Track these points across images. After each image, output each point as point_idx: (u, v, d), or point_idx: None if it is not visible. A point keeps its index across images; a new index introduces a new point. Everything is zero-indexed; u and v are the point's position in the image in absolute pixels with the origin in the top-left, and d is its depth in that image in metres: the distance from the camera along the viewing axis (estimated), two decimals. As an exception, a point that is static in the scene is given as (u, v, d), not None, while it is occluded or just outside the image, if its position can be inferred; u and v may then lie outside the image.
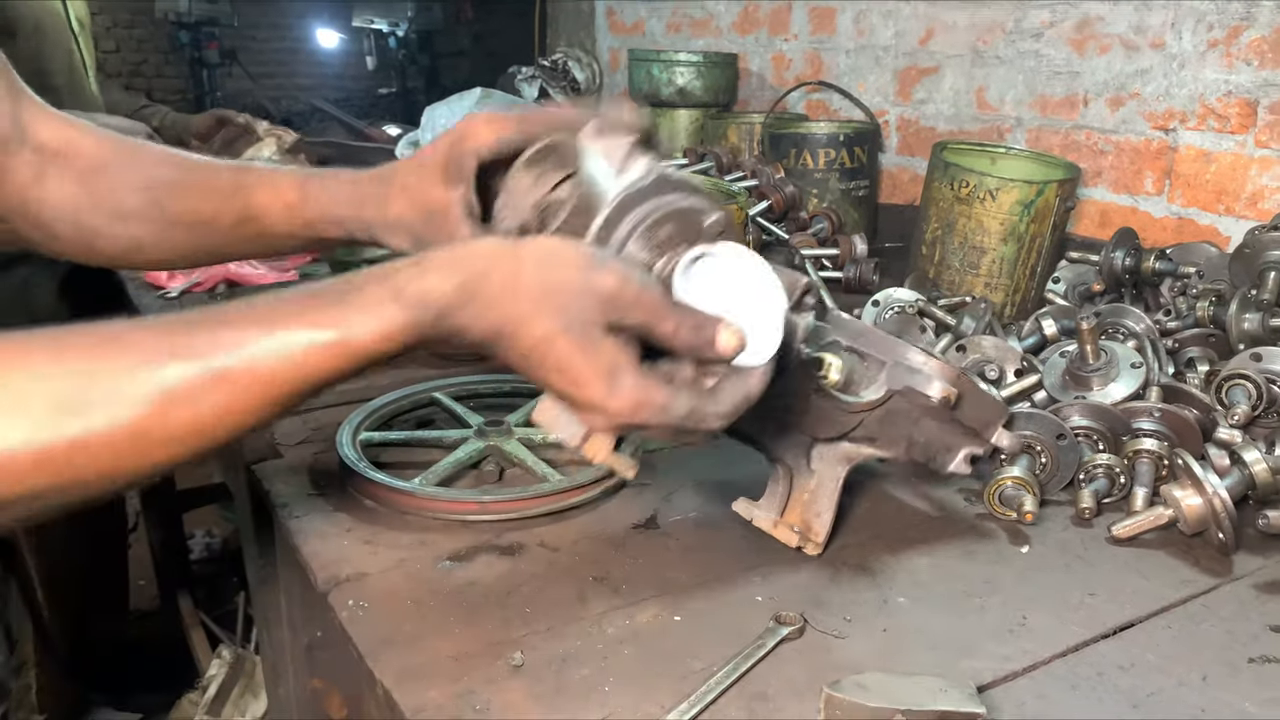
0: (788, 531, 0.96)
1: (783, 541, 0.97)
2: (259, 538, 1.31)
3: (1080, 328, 1.20)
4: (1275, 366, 1.17)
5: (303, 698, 1.32)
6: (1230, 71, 1.63)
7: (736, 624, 0.86)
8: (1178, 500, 1.00)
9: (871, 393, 0.94)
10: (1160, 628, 0.89)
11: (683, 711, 0.74)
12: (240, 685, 2.05)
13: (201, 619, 2.52)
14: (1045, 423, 1.10)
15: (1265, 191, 1.62)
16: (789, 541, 0.96)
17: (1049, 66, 1.92)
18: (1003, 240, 1.67)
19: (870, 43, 2.32)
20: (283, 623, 1.32)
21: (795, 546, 0.96)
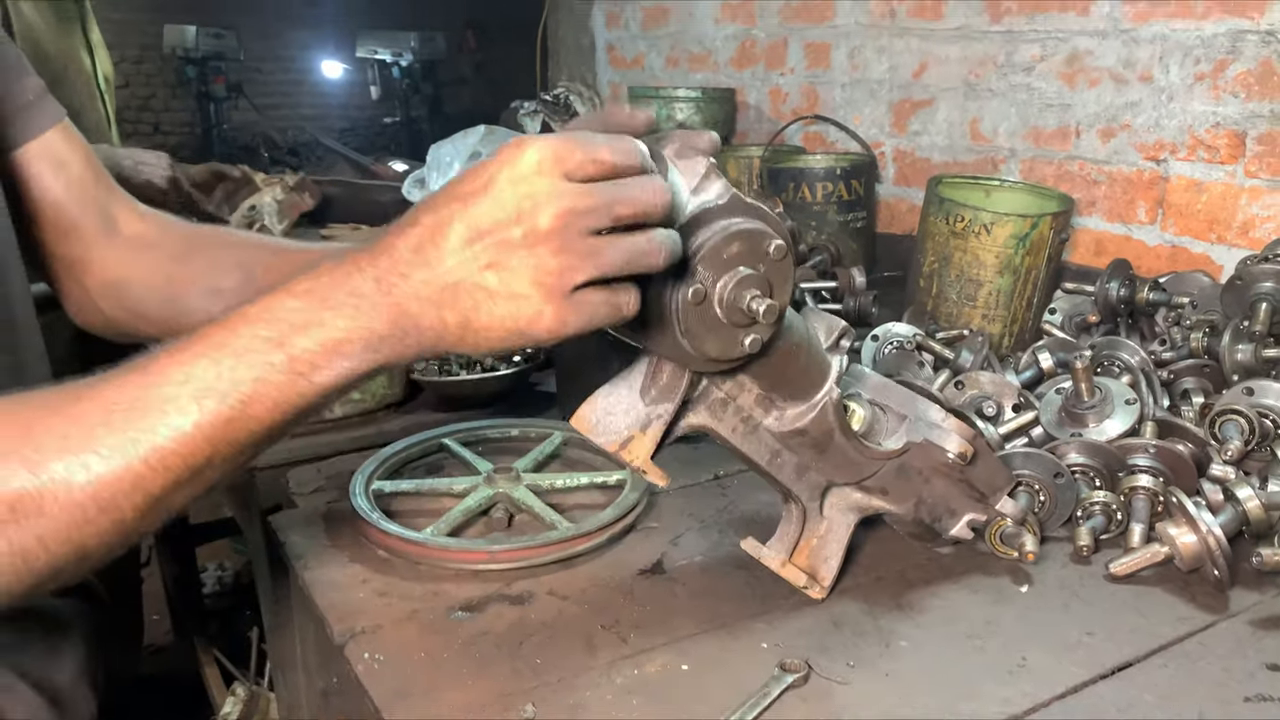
0: (796, 572, 0.99)
1: (789, 581, 0.99)
2: (275, 584, 1.33)
3: (1074, 366, 1.22)
4: (1268, 400, 1.19)
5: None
6: (1218, 104, 1.66)
7: (743, 672, 0.88)
8: (1173, 538, 1.02)
9: (893, 442, 0.97)
10: (1158, 666, 0.91)
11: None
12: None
13: (215, 655, 2.54)
14: (1043, 462, 1.12)
15: (1256, 220, 1.65)
16: (796, 581, 0.99)
17: (1041, 99, 1.95)
18: (999, 273, 1.70)
19: (865, 76, 2.36)
20: (298, 666, 1.34)
21: (802, 586, 0.99)
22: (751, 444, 0.94)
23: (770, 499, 1.22)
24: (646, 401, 0.87)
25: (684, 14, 2.95)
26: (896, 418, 1.00)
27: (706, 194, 0.80)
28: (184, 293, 0.99)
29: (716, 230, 0.78)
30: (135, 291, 0.99)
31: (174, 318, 0.99)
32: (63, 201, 0.95)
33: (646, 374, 0.88)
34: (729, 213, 0.79)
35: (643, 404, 0.87)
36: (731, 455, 0.95)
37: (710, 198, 0.79)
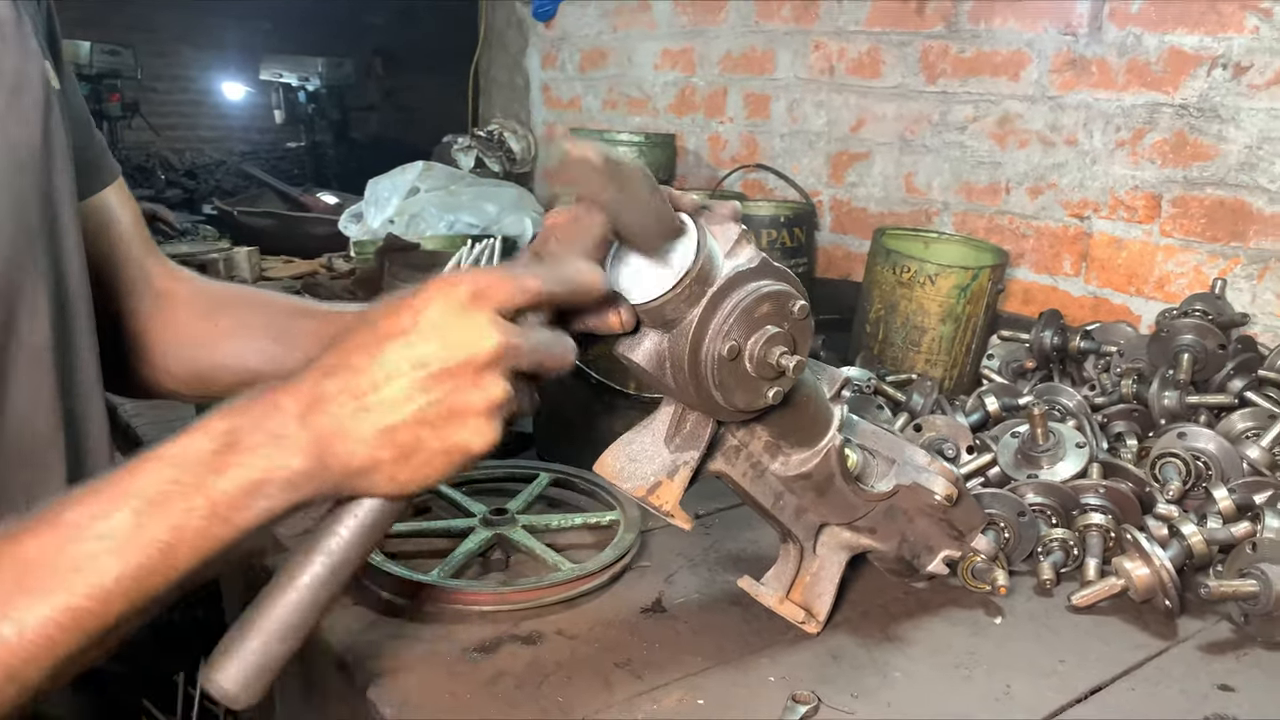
0: (793, 608, 1.05)
1: (787, 617, 1.05)
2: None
3: (1031, 413, 1.32)
4: (1199, 444, 1.31)
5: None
6: (1136, 168, 1.82)
7: (756, 705, 0.94)
8: (1129, 571, 1.12)
9: (884, 485, 1.04)
10: (1125, 690, 1.00)
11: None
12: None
13: (145, 705, 2.46)
14: (1008, 502, 1.22)
15: (1170, 276, 1.80)
16: (794, 617, 1.05)
17: (973, 156, 2.09)
18: (941, 320, 1.81)
19: (804, 128, 2.47)
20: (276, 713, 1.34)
21: (800, 622, 1.05)
22: (759, 487, 1.01)
23: (753, 537, 1.28)
24: (671, 449, 0.93)
25: (623, 58, 3.03)
26: (886, 461, 1.07)
27: (739, 258, 0.86)
28: (211, 350, 1.00)
29: (749, 291, 0.85)
30: (161, 348, 1.00)
31: (200, 374, 1.00)
32: (108, 256, 0.95)
33: (671, 423, 0.94)
34: (759, 275, 0.86)
35: (668, 451, 0.93)
36: (733, 495, 1.02)
37: (742, 261, 0.86)
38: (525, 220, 2.83)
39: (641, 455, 0.93)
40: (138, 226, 0.99)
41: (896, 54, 2.20)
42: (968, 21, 2.04)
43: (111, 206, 0.95)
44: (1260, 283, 1.68)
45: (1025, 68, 1.96)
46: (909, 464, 1.06)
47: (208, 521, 0.62)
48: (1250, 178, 1.66)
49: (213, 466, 0.63)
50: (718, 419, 0.93)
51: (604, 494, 1.31)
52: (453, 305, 0.65)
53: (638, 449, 0.94)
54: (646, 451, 0.93)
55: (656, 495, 0.92)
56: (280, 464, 0.63)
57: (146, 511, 0.61)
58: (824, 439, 1.00)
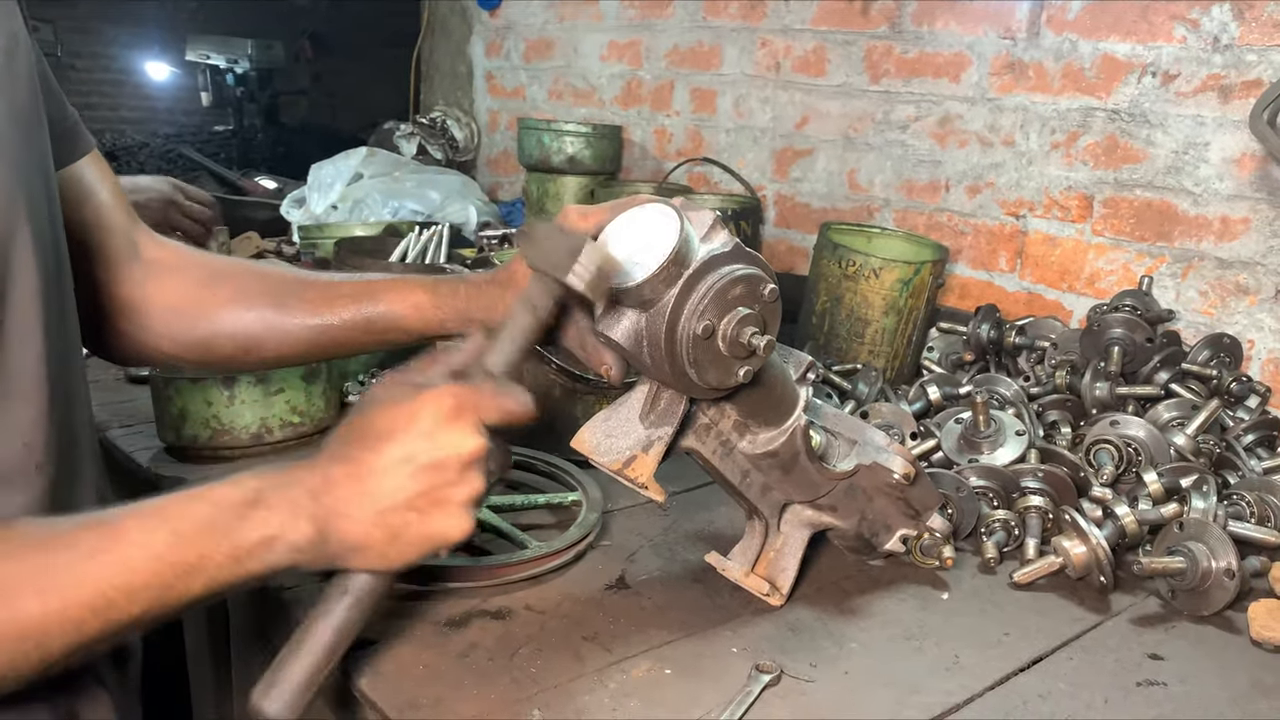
0: (758, 581, 1.09)
1: (752, 590, 1.09)
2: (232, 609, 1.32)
3: (974, 401, 1.38)
4: (1130, 431, 1.39)
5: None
6: (1070, 169, 1.90)
7: (721, 673, 0.97)
8: (1067, 549, 1.18)
9: (845, 464, 1.08)
10: (1064, 659, 1.06)
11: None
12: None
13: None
14: (947, 480, 1.27)
15: (1100, 273, 1.88)
16: (759, 590, 1.09)
17: (914, 155, 2.15)
18: (884, 313, 1.87)
19: (749, 124, 2.52)
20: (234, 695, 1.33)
21: (764, 594, 1.09)
22: (727, 465, 1.04)
23: (709, 517, 1.32)
24: (646, 425, 0.96)
25: (569, 49, 3.04)
26: (847, 443, 1.12)
27: (713, 243, 0.90)
28: (212, 316, 1.00)
29: (723, 275, 0.88)
30: (160, 314, 0.99)
31: (201, 341, 1.00)
32: (91, 225, 0.94)
33: (646, 400, 0.97)
34: (733, 259, 0.90)
35: (643, 427, 0.96)
36: (691, 479, 1.06)
37: (717, 246, 0.89)
38: (469, 208, 2.83)
39: (617, 431, 0.96)
40: (119, 198, 0.98)
41: (841, 53, 2.26)
42: (911, 23, 2.11)
43: (90, 177, 0.95)
44: (1184, 280, 1.77)
45: (966, 70, 2.03)
46: (869, 445, 1.11)
47: (225, 558, 0.74)
48: (1176, 181, 1.75)
49: (241, 515, 0.74)
50: (691, 396, 0.96)
51: (565, 475, 1.33)
52: (442, 413, 0.77)
53: (614, 425, 0.97)
54: (622, 427, 0.96)
55: (632, 469, 0.95)
56: (292, 528, 0.75)
57: (183, 534, 0.73)
58: (790, 419, 1.04)
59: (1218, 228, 1.71)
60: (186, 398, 1.34)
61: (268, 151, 7.33)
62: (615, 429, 0.96)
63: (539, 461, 1.37)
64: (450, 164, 3.37)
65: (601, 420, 0.97)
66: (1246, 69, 1.64)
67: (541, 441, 1.45)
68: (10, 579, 0.68)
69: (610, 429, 0.96)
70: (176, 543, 0.72)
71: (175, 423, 1.35)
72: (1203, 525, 1.16)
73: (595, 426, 0.96)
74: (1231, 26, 1.65)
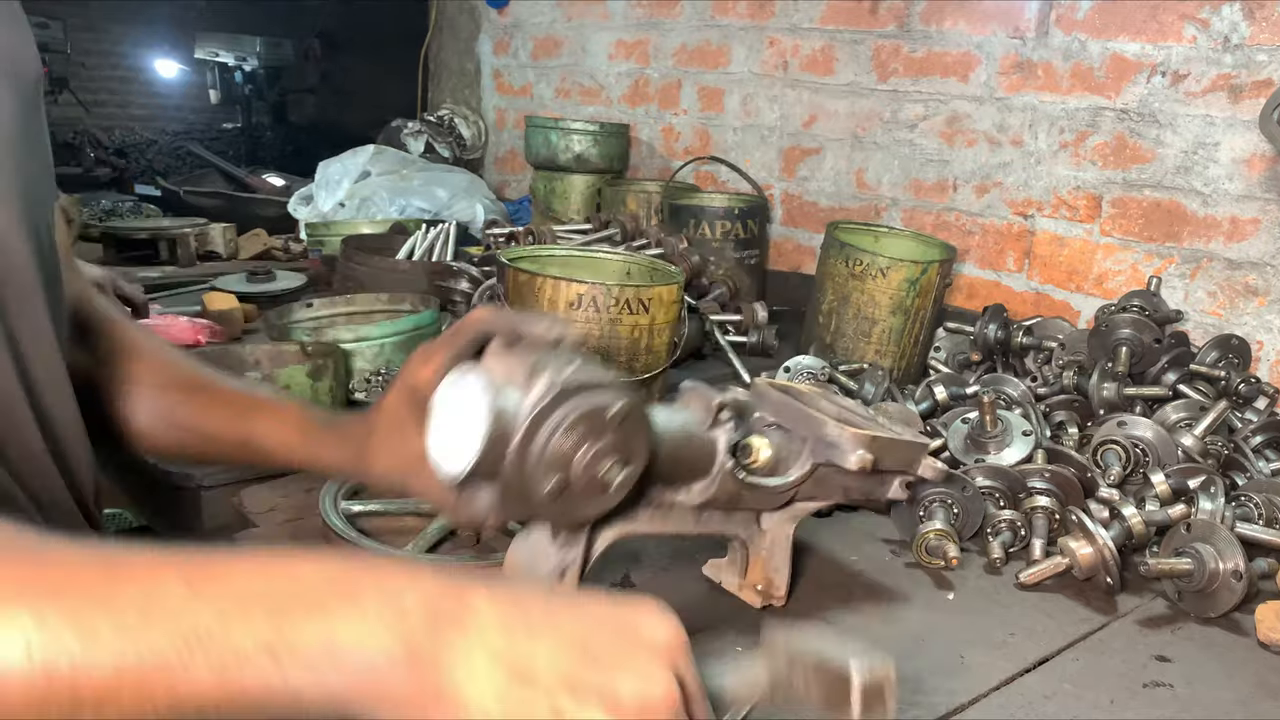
0: (752, 593, 1.07)
1: (750, 602, 1.08)
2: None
3: (981, 401, 1.38)
4: (1138, 432, 1.38)
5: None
6: (1079, 169, 1.89)
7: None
8: (1073, 550, 1.18)
9: (796, 470, 1.03)
10: (1070, 660, 1.05)
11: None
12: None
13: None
14: (952, 479, 1.27)
15: (1109, 274, 1.88)
16: (754, 603, 1.08)
17: (922, 154, 2.15)
18: (891, 312, 1.87)
19: (757, 123, 2.52)
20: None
21: (761, 606, 1.08)
22: (672, 522, 0.99)
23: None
24: (558, 548, 0.90)
25: (576, 48, 3.04)
26: (799, 440, 1.05)
27: (534, 392, 0.78)
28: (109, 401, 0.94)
29: (553, 427, 0.78)
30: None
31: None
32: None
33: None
34: (560, 402, 0.79)
35: (554, 550, 0.90)
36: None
37: (536, 395, 0.78)
38: (476, 206, 2.84)
39: (538, 553, 0.90)
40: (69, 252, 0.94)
41: (849, 52, 2.25)
42: (919, 22, 2.10)
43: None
44: (1193, 281, 1.77)
45: (974, 69, 2.02)
46: (821, 440, 1.04)
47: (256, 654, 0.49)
48: (1185, 181, 1.75)
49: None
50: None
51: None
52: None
53: (533, 546, 0.91)
54: (541, 549, 0.90)
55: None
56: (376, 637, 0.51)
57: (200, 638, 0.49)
58: (714, 467, 0.98)
59: (1227, 228, 1.71)
60: (193, 394, 1.34)
61: (276, 149, 7.33)
62: (536, 550, 0.90)
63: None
64: (458, 162, 3.37)
65: (522, 539, 0.91)
66: (1257, 69, 1.63)
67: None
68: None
69: (532, 550, 0.90)
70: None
71: (182, 419, 1.35)
72: (1210, 527, 1.16)
73: (518, 548, 0.90)
74: (1242, 26, 1.64)
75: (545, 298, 1.38)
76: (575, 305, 1.37)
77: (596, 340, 1.39)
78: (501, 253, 1.49)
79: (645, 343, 1.41)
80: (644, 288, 1.40)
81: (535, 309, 1.39)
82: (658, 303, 1.41)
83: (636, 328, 1.41)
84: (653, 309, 1.41)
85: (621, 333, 1.39)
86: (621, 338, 1.40)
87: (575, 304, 1.37)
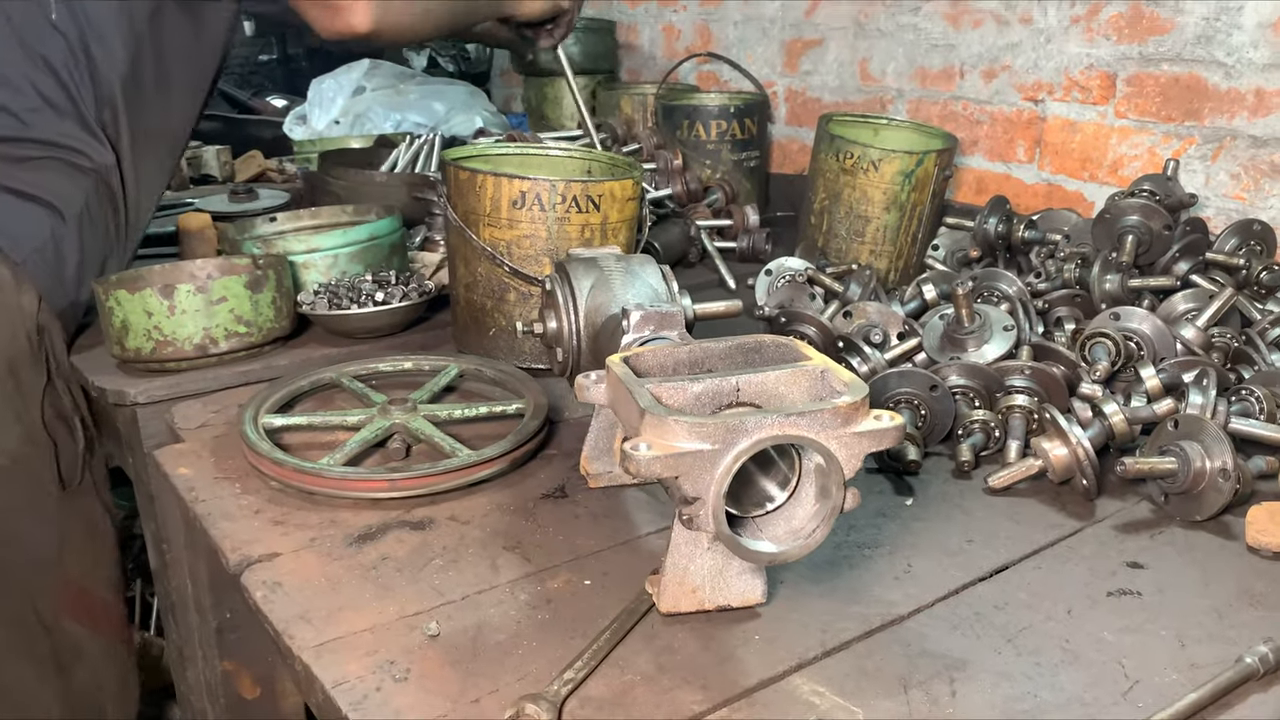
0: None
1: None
2: (160, 523, 1.30)
3: (955, 293, 1.27)
4: (1133, 324, 1.27)
5: (213, 680, 1.32)
6: (1091, 45, 1.73)
7: (641, 583, 0.90)
8: (1046, 451, 1.08)
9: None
10: (1031, 569, 0.96)
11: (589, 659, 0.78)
12: (146, 669, 2.02)
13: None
14: (917, 378, 1.17)
15: (1124, 159, 1.73)
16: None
17: (927, 40, 2.00)
18: (885, 209, 1.75)
19: (757, 14, 2.37)
20: (189, 607, 1.31)
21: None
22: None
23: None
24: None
25: (576, -51, 2.89)
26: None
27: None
28: None
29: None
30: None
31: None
32: None
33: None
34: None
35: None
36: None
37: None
38: (475, 119, 2.73)
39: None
40: None
41: (851, -68, 2.09)
42: (923, -106, 1.94)
43: None
44: (1214, 163, 1.62)
45: (980, -59, 1.86)
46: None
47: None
48: (1207, 51, 1.59)
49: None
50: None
51: (513, 383, 1.26)
52: None
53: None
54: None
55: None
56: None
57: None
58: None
59: (1251, 102, 1.55)
60: (126, 309, 1.29)
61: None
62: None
63: (488, 370, 1.30)
64: (463, 76, 3.27)
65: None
66: (1286, -81, 1.46)
67: (494, 347, 1.38)
68: None
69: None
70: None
71: (119, 335, 1.31)
72: (1198, 422, 1.05)
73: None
74: None
75: (487, 196, 1.29)
76: (518, 204, 1.29)
77: (544, 242, 1.31)
78: (446, 152, 1.40)
79: (599, 243, 1.32)
80: (593, 183, 1.30)
81: (478, 210, 1.31)
82: (609, 199, 1.31)
83: (587, 227, 1.32)
84: (604, 206, 1.31)
85: (570, 232, 1.31)
86: (571, 238, 1.31)
87: (518, 202, 1.29)
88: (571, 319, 1.07)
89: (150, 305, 1.29)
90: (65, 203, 1.38)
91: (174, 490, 1.08)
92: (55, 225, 1.37)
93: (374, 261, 1.54)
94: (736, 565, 0.85)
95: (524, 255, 1.32)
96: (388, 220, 1.57)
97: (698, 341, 0.90)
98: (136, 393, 1.28)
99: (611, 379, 0.83)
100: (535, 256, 1.31)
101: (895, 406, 1.15)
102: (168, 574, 1.34)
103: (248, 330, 1.34)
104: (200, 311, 1.30)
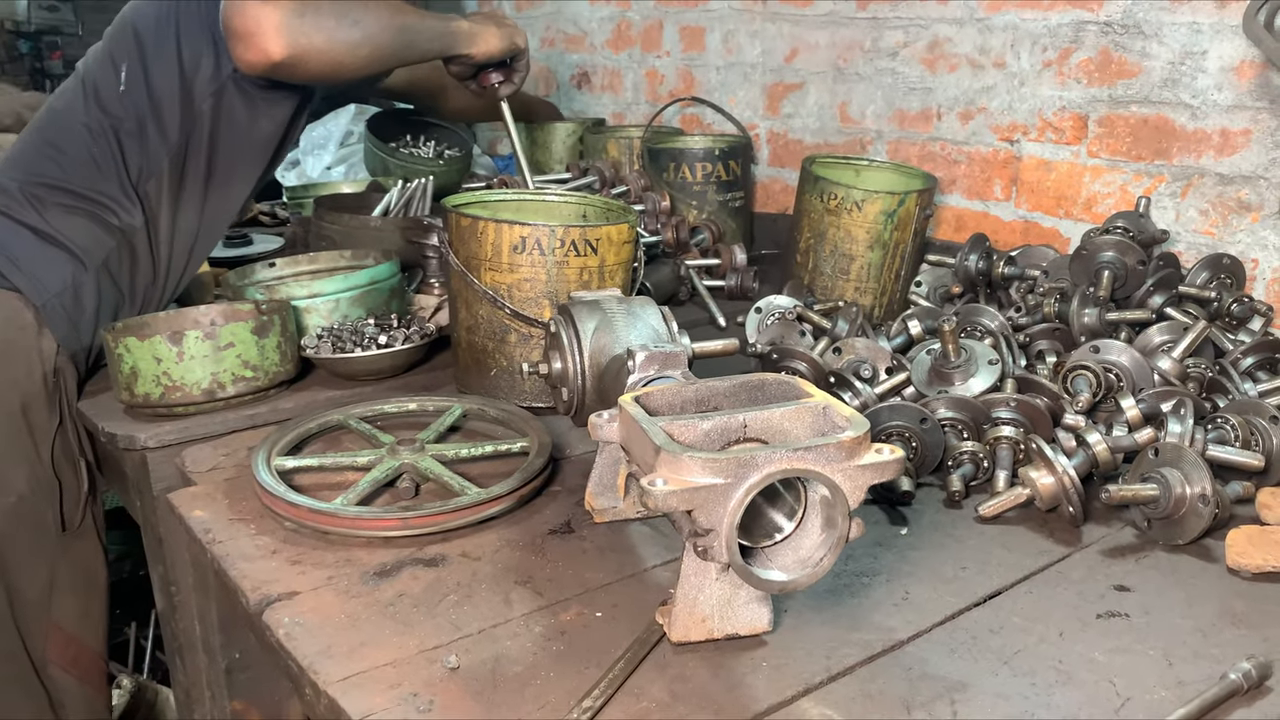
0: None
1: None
2: (169, 565, 1.32)
3: (942, 329, 1.32)
4: (1112, 357, 1.32)
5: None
6: (1063, 88, 1.80)
7: (650, 614, 0.93)
8: (1033, 480, 1.12)
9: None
10: (1023, 593, 1.01)
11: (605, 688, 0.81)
12: (142, 715, 2.02)
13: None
14: (908, 411, 1.22)
15: (1097, 197, 1.79)
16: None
17: (905, 83, 2.07)
18: (869, 247, 1.80)
19: (739, 60, 2.43)
20: (197, 648, 1.33)
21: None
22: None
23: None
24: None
25: (559, -4, 2.97)
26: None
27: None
28: None
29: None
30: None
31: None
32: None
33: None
34: None
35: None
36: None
37: None
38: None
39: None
40: None
41: (829, -19, 2.17)
42: (897, -55, 2.01)
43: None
44: (1184, 199, 1.68)
45: (954, -10, 1.93)
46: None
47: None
48: (1174, 94, 1.66)
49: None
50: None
51: (517, 422, 1.30)
52: None
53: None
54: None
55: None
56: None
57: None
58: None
59: (1217, 141, 1.62)
60: (136, 355, 1.32)
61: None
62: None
63: (491, 409, 1.34)
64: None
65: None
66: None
67: (496, 388, 1.42)
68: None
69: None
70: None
71: (128, 381, 1.34)
72: (1177, 450, 1.10)
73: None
74: (1227, -76, 1.54)
75: (489, 241, 1.33)
76: (519, 249, 1.33)
77: (544, 285, 1.35)
78: (446, 200, 1.45)
79: (596, 286, 1.36)
80: (590, 227, 1.35)
81: (479, 254, 1.35)
82: (606, 243, 1.36)
83: (585, 270, 1.36)
84: (601, 250, 1.36)
85: (569, 275, 1.35)
86: (570, 281, 1.35)
87: (519, 247, 1.33)
88: (576, 359, 1.11)
89: (159, 351, 1.32)
90: (87, 254, 1.45)
91: (189, 532, 1.11)
92: (76, 272, 1.43)
93: (375, 305, 1.57)
94: (744, 595, 0.89)
95: (524, 298, 1.36)
96: (387, 265, 1.61)
97: (703, 381, 0.94)
98: (146, 437, 1.31)
99: (624, 418, 0.86)
100: (535, 299, 1.36)
101: (888, 439, 1.20)
102: (175, 616, 1.36)
103: (254, 374, 1.37)
104: (208, 357, 1.33)
